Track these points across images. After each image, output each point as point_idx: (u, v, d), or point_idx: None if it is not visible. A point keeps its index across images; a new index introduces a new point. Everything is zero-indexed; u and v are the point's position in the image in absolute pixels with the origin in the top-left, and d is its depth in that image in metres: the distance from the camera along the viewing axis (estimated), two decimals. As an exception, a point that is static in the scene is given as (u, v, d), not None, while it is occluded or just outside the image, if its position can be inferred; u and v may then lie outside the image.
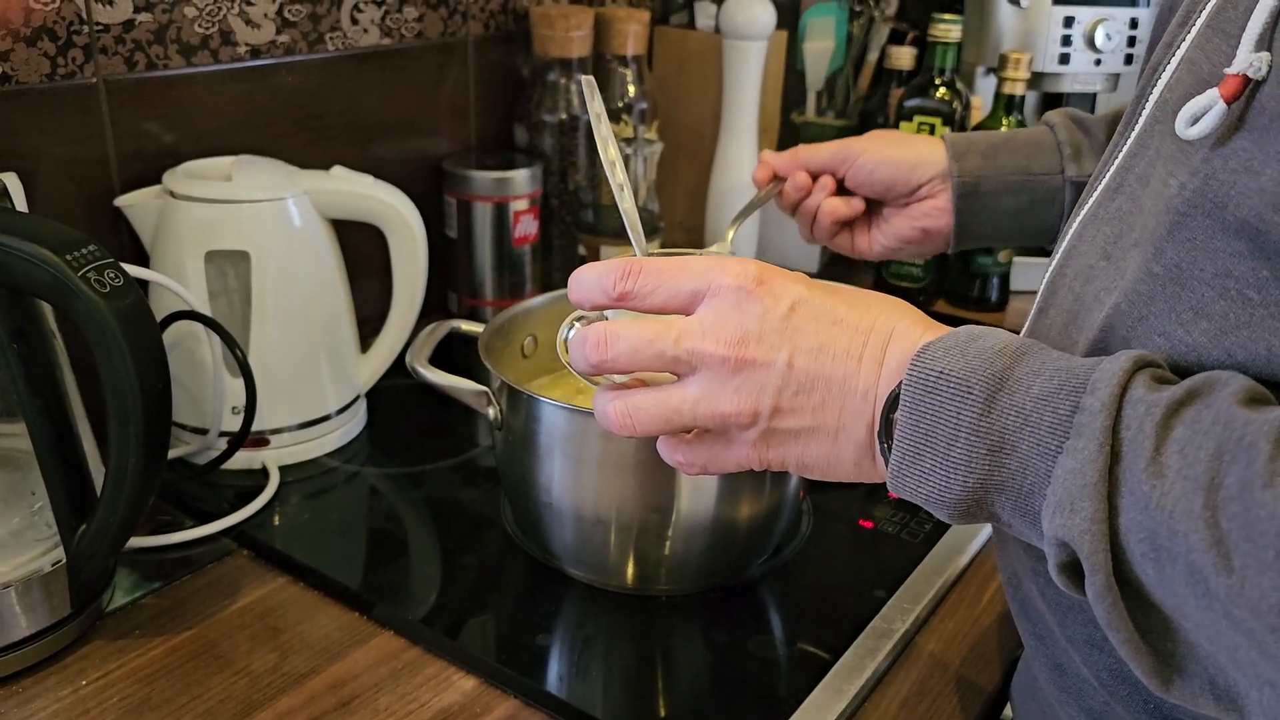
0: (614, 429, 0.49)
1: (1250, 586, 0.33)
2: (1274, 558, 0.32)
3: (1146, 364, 0.38)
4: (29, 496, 0.63)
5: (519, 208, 1.05)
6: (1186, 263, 0.39)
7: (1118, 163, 0.47)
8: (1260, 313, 0.37)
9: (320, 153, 0.97)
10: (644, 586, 0.70)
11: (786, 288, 0.45)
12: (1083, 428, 0.37)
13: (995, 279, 1.19)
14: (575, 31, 1.07)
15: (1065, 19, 1.21)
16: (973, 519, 0.42)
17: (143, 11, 0.82)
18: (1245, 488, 0.33)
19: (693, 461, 0.49)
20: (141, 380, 0.57)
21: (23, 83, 0.76)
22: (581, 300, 0.49)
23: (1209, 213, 0.38)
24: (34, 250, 0.55)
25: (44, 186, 0.79)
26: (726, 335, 0.44)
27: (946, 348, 0.41)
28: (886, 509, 0.80)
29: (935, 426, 0.40)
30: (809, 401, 0.44)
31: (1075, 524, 0.37)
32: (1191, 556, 0.34)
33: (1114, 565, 0.37)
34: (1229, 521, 0.33)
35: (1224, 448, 0.34)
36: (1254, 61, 0.37)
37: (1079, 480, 0.36)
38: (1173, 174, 0.41)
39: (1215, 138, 0.39)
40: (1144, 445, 0.35)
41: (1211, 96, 0.38)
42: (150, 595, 0.69)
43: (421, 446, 0.88)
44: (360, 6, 0.98)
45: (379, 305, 0.90)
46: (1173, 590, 0.35)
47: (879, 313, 0.45)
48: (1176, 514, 0.34)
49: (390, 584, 0.70)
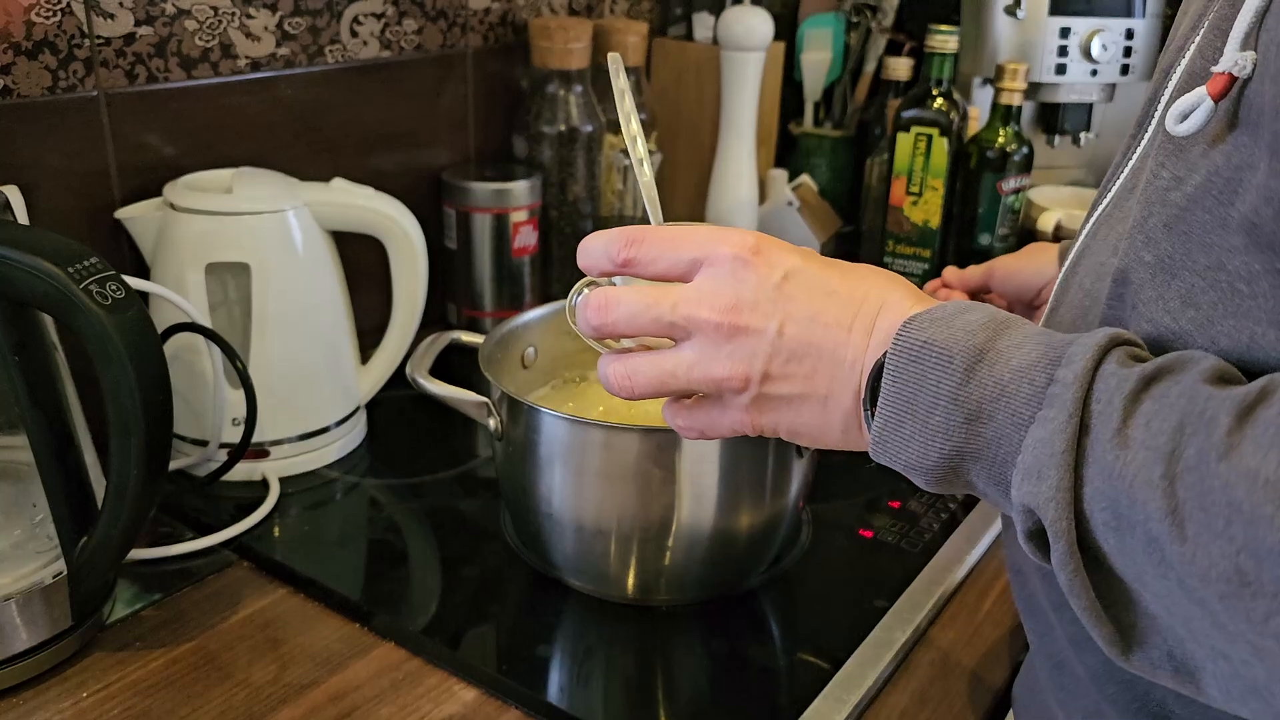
0: (614, 390, 0.50)
1: (1201, 554, 0.34)
2: (1224, 526, 0.33)
3: (1124, 341, 0.39)
4: (30, 509, 0.63)
5: (518, 219, 1.06)
6: (1180, 254, 0.40)
7: (1131, 164, 0.48)
8: (1248, 303, 0.38)
9: (320, 164, 0.97)
10: (644, 597, 0.70)
11: (782, 258, 0.46)
12: (1055, 398, 0.38)
13: (993, 288, 1.19)
14: (574, 43, 1.08)
15: (1061, 30, 1.21)
16: (950, 487, 0.43)
17: (143, 25, 0.82)
18: (1202, 459, 0.33)
19: (691, 425, 0.51)
20: (143, 393, 0.57)
21: (24, 96, 0.76)
22: (589, 266, 0.50)
23: (1210, 209, 0.39)
24: (36, 263, 0.55)
25: (45, 199, 0.79)
26: (721, 302, 0.46)
27: (933, 319, 0.42)
28: (886, 518, 0.80)
29: (917, 394, 0.41)
30: (799, 368, 0.46)
31: (1041, 491, 0.37)
32: (1149, 525, 0.35)
33: (1078, 534, 0.38)
34: (1185, 491, 0.34)
35: (1186, 421, 0.35)
36: (1239, 60, 0.37)
37: (1047, 449, 0.37)
38: (1164, 166, 0.41)
39: (1212, 135, 0.39)
40: (1112, 417, 0.36)
41: (1200, 94, 0.39)
42: (151, 607, 0.69)
43: (421, 457, 0.88)
44: (360, 19, 0.98)
45: (379, 316, 0.91)
46: (1133, 559, 0.36)
47: (872, 285, 0.46)
48: (1137, 483, 0.35)
49: (390, 595, 0.70)
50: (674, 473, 0.65)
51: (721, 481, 0.66)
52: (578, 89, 1.10)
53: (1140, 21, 1.22)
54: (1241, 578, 0.33)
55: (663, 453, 0.64)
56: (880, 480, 0.84)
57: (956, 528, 0.79)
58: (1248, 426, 0.33)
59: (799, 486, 0.71)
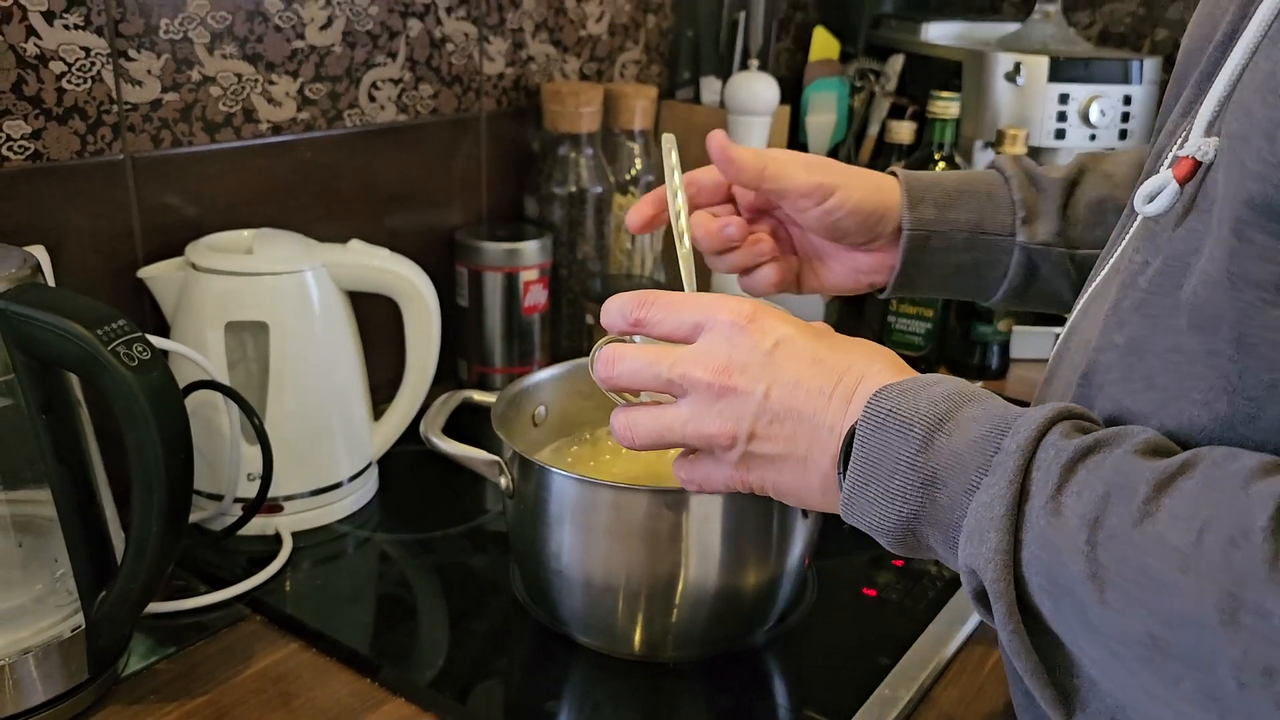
0: (618, 439, 0.54)
1: (1119, 618, 0.35)
2: (1138, 592, 0.35)
3: (1072, 415, 0.41)
4: (52, 563, 0.64)
5: (529, 278, 1.08)
6: (1145, 336, 0.42)
7: (1122, 245, 0.49)
8: (1188, 384, 0.40)
9: (337, 224, 1.00)
10: (651, 653, 0.71)
11: (775, 327, 0.50)
12: (998, 466, 0.40)
13: (995, 347, 1.21)
14: (585, 107, 1.11)
15: (1060, 95, 1.24)
16: (911, 550, 0.45)
17: (170, 91, 0.85)
18: (1121, 526, 0.35)
19: (691, 479, 0.54)
20: (166, 450, 0.59)
21: (54, 159, 0.79)
22: (608, 324, 0.54)
23: (1168, 291, 0.41)
24: (66, 325, 0.57)
25: (70, 258, 0.81)
26: (715, 363, 0.49)
27: (902, 390, 0.45)
28: (890, 577, 0.81)
29: (881, 459, 0.44)
30: (782, 430, 0.48)
31: (982, 553, 0.39)
32: (1075, 589, 0.37)
33: (1018, 595, 0.39)
34: (1105, 556, 0.36)
35: (1112, 490, 0.36)
36: (1202, 145, 0.39)
37: (989, 513, 0.39)
38: (1139, 250, 0.44)
39: (1175, 218, 0.41)
40: (1048, 485, 0.38)
41: (1166, 177, 0.41)
42: (165, 660, 0.70)
43: (432, 513, 0.89)
44: (378, 84, 1.01)
45: (391, 372, 0.92)
46: (1066, 622, 0.38)
47: (857, 357, 0.49)
48: (1065, 548, 0.37)
49: (400, 649, 0.71)
50: (681, 531, 0.66)
51: (727, 540, 0.67)
52: (588, 151, 1.13)
53: (1138, 88, 1.25)
54: (1155, 642, 0.34)
55: (670, 512, 0.66)
56: (884, 538, 0.85)
57: (960, 587, 0.80)
58: (1165, 496, 0.35)
59: (804, 545, 0.72)
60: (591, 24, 1.23)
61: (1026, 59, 1.25)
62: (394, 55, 1.02)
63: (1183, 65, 0.50)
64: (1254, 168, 0.35)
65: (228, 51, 0.89)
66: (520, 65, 1.15)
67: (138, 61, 0.83)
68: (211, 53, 0.88)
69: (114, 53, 0.81)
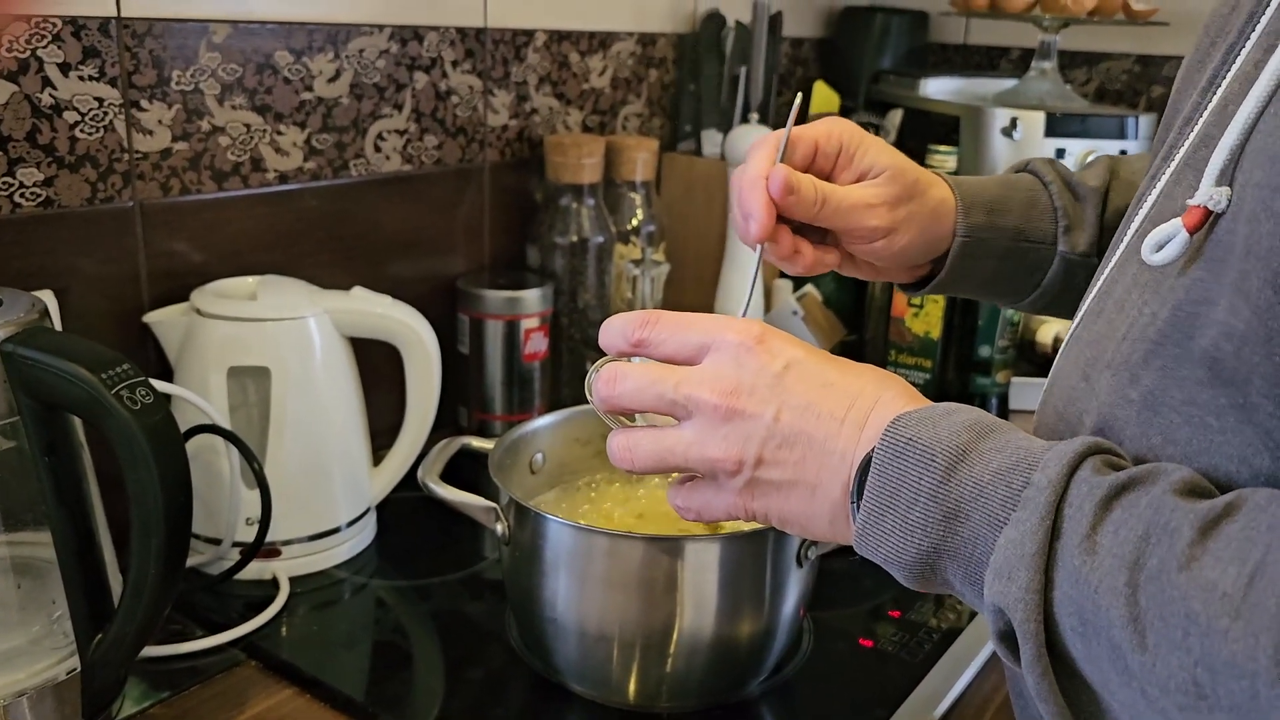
0: (616, 462, 0.52)
1: (1160, 664, 0.34)
2: (1182, 637, 0.34)
3: (1101, 450, 0.41)
4: (49, 605, 0.64)
5: (529, 325, 1.09)
6: (1159, 390, 0.41)
7: (1099, 287, 0.50)
8: (1218, 439, 0.39)
9: (341, 271, 1.01)
10: (646, 704, 0.71)
11: (784, 349, 0.48)
12: (1028, 501, 0.39)
13: (994, 399, 1.22)
14: (587, 159, 1.13)
15: (1057, 150, 1.26)
16: (928, 585, 0.44)
17: (180, 140, 0.87)
18: (1164, 569, 0.35)
19: (688, 506, 0.52)
20: (166, 494, 0.59)
21: (65, 206, 0.81)
22: (608, 345, 0.52)
23: (1178, 342, 0.40)
24: (71, 369, 0.58)
25: (77, 301, 0.82)
26: (722, 385, 0.47)
27: (921, 418, 0.43)
28: (888, 628, 0.81)
29: (899, 490, 0.42)
30: (791, 455, 0.47)
31: (1011, 592, 0.38)
32: (1112, 632, 0.36)
33: (1047, 637, 0.38)
34: (1147, 600, 0.35)
35: (1152, 530, 0.36)
36: (1214, 195, 0.39)
37: (1019, 550, 0.38)
38: (1147, 303, 0.43)
39: (1179, 267, 0.41)
40: (1082, 523, 0.37)
41: (1176, 225, 0.40)
42: (159, 705, 0.70)
43: (429, 559, 0.89)
44: (384, 135, 1.03)
45: (392, 418, 0.93)
46: (1098, 666, 0.37)
47: (868, 382, 0.48)
48: (1102, 589, 0.36)
49: (395, 697, 0.71)
50: (676, 580, 0.66)
51: (722, 589, 0.67)
52: (589, 202, 1.15)
53: (1133, 143, 1.27)
54: (1199, 690, 0.34)
55: (665, 560, 0.66)
56: (882, 589, 0.85)
57: (957, 638, 0.80)
58: (1209, 540, 0.34)
59: (799, 595, 0.72)
60: (595, 77, 1.25)
61: (1023, 114, 1.27)
62: (400, 107, 1.04)
63: (1169, 113, 0.51)
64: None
65: (237, 102, 0.91)
66: (524, 117, 1.17)
67: (149, 111, 0.85)
68: (222, 103, 0.90)
69: (126, 103, 0.83)
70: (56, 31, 0.78)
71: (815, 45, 1.63)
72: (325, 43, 0.96)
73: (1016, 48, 1.60)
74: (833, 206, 0.61)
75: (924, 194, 0.65)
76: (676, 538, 0.67)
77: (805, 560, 0.71)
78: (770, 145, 0.60)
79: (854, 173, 0.63)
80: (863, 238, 0.63)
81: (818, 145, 0.63)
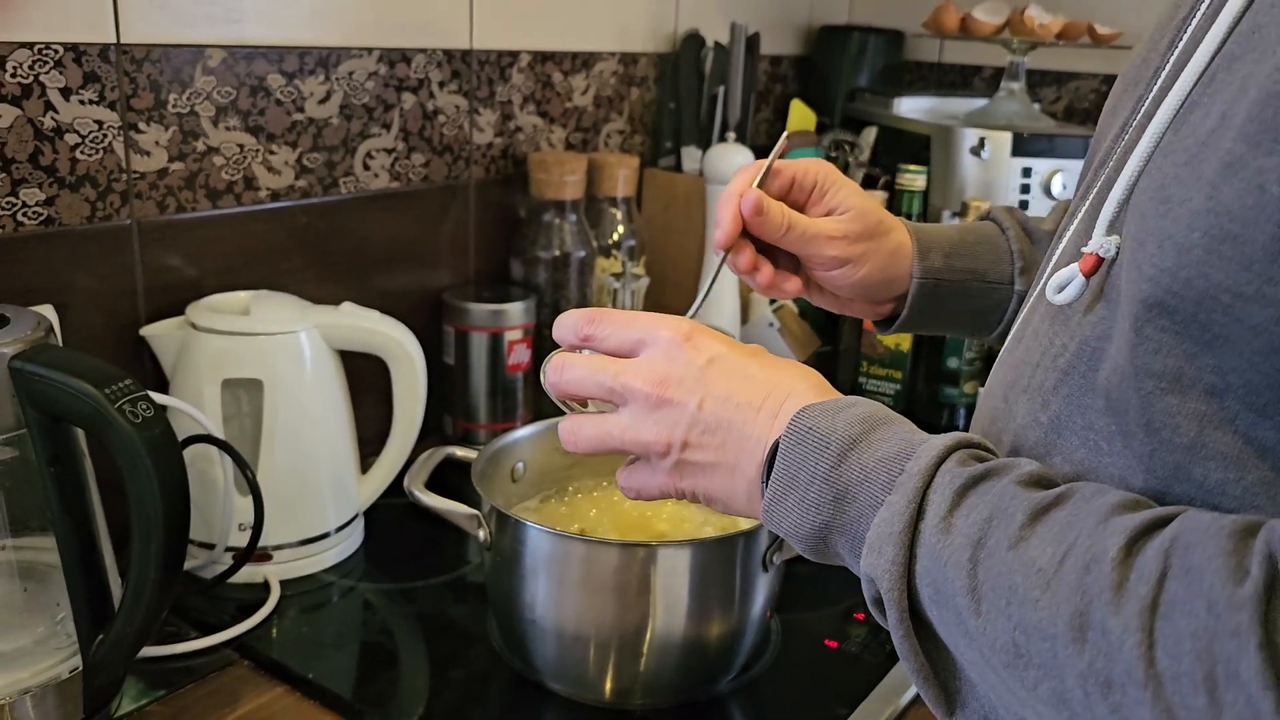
0: (563, 443, 0.57)
1: (990, 628, 0.40)
2: (1005, 605, 0.39)
3: (969, 445, 0.46)
4: (53, 607, 0.68)
5: (513, 337, 1.13)
6: (1064, 415, 0.46)
7: (1021, 316, 0.55)
8: (1105, 460, 0.44)
9: (331, 285, 1.05)
10: (621, 701, 0.74)
11: (709, 345, 0.54)
12: (900, 486, 0.44)
13: (962, 408, 1.26)
14: (569, 176, 1.16)
15: (1024, 169, 1.31)
16: (823, 556, 0.49)
17: (176, 160, 0.91)
18: (998, 547, 0.40)
19: (629, 486, 0.57)
20: (165, 501, 0.63)
21: (65, 225, 0.84)
22: (560, 338, 0.57)
23: (1082, 373, 0.45)
24: (77, 384, 0.62)
25: (75, 316, 0.86)
26: (653, 376, 0.53)
27: (823, 409, 0.49)
28: (853, 629, 0.85)
29: (799, 472, 0.48)
30: (713, 440, 0.52)
31: (880, 564, 0.44)
32: (956, 600, 0.41)
33: (910, 604, 0.44)
34: (983, 574, 0.40)
35: (994, 515, 0.41)
36: (1104, 243, 0.44)
37: (888, 528, 0.44)
38: (1057, 334, 0.48)
39: (1084, 305, 0.46)
40: (941, 506, 0.43)
41: (1073, 270, 0.45)
42: (156, 703, 0.73)
43: (415, 563, 0.93)
44: (372, 154, 1.07)
45: (378, 426, 0.97)
46: (949, 630, 0.43)
47: (785, 376, 0.53)
48: (950, 564, 0.41)
49: (381, 695, 0.75)
50: (649, 583, 0.70)
51: (692, 592, 0.71)
52: (571, 218, 1.19)
53: (1097, 163, 1.32)
54: (1017, 650, 0.39)
55: (639, 565, 0.70)
56: (847, 593, 0.89)
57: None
58: (1038, 524, 0.40)
59: (766, 597, 0.76)
60: (577, 96, 1.29)
61: (991, 134, 1.31)
62: (388, 126, 1.08)
63: (1091, 151, 0.55)
64: (1148, 271, 0.40)
65: (231, 124, 0.94)
66: (508, 135, 1.21)
67: (147, 133, 0.88)
68: (216, 125, 0.93)
69: (125, 125, 0.86)
70: (58, 57, 0.81)
71: (794, 63, 1.68)
72: (316, 65, 1.00)
73: (990, 66, 1.65)
74: (797, 233, 0.67)
75: (885, 235, 0.70)
76: (649, 543, 0.71)
77: (771, 565, 0.75)
78: (752, 171, 0.67)
79: (823, 208, 0.69)
80: (823, 265, 0.69)
81: (795, 179, 0.69)
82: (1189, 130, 0.40)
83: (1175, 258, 0.39)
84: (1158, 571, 0.35)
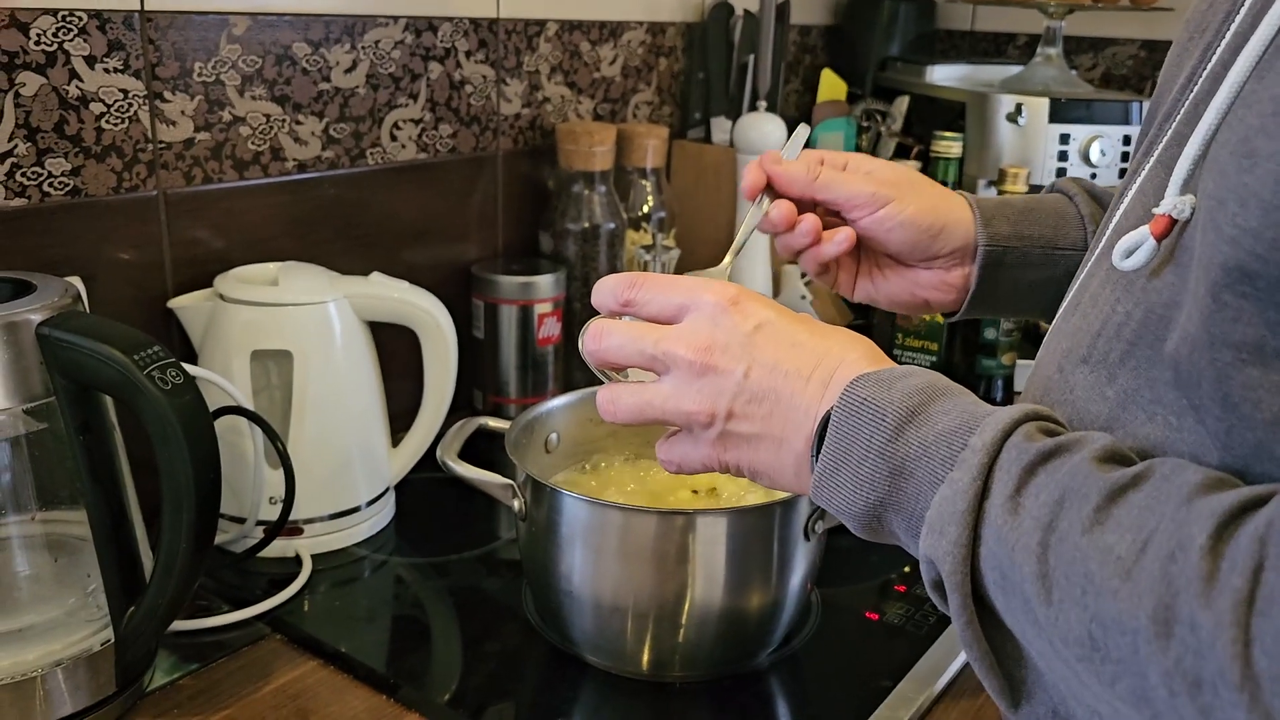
0: (601, 413, 0.55)
1: (1062, 619, 0.37)
2: (1080, 595, 0.36)
3: (1038, 417, 0.43)
4: (84, 579, 0.67)
5: (543, 310, 1.11)
6: (1132, 389, 0.43)
7: (1079, 281, 0.51)
8: (1174, 437, 0.41)
9: (358, 258, 1.03)
10: (659, 673, 0.73)
11: (757, 310, 0.51)
12: (963, 463, 0.42)
13: (999, 380, 1.23)
14: (598, 147, 1.15)
15: (1061, 136, 1.28)
16: (875, 534, 0.47)
17: (202, 131, 0.89)
18: (1070, 531, 0.37)
19: (669, 459, 0.55)
20: (196, 471, 0.62)
21: (91, 195, 0.83)
22: (599, 304, 0.56)
23: (1150, 344, 0.42)
24: (105, 350, 0.61)
25: (103, 289, 0.85)
26: (698, 342, 0.50)
27: (878, 379, 0.46)
28: (893, 602, 0.83)
29: (852, 445, 0.45)
30: (759, 410, 0.49)
31: (941, 545, 0.41)
32: (1024, 587, 0.38)
33: (974, 589, 0.41)
34: (1055, 559, 0.38)
35: (1066, 495, 0.38)
36: (1178, 204, 0.41)
37: (951, 507, 0.41)
38: (1120, 301, 0.45)
39: (1150, 270, 0.43)
40: (1008, 485, 0.40)
41: (1143, 233, 0.42)
42: (188, 676, 0.72)
43: (447, 537, 0.92)
44: (399, 125, 1.05)
45: (410, 401, 0.95)
46: (1015, 617, 0.40)
47: (835, 343, 0.50)
48: (1018, 548, 0.39)
49: (415, 669, 0.74)
50: (687, 553, 0.68)
51: (731, 562, 0.70)
52: (601, 189, 1.17)
53: (1137, 128, 1.28)
54: (1093, 642, 0.36)
55: (677, 534, 0.68)
56: (888, 566, 0.88)
57: (961, 612, 0.82)
58: (1115, 506, 0.37)
59: (806, 568, 0.74)
60: (605, 66, 1.27)
61: (1028, 100, 1.28)
62: (415, 97, 1.06)
63: (1153, 105, 0.52)
64: (1228, 232, 0.37)
65: (257, 93, 0.93)
66: (536, 106, 1.19)
67: (172, 103, 0.87)
68: (242, 94, 0.92)
69: (150, 94, 0.85)
70: (83, 25, 0.80)
71: (823, 32, 1.65)
72: (342, 34, 0.98)
73: (1023, 34, 1.62)
74: (826, 179, 0.66)
75: (927, 184, 0.68)
76: (688, 511, 0.70)
77: (812, 534, 0.73)
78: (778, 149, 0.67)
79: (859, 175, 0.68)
80: (865, 206, 0.66)
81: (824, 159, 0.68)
82: (1276, 76, 0.37)
83: (1261, 217, 0.35)
84: (1253, 562, 0.32)
